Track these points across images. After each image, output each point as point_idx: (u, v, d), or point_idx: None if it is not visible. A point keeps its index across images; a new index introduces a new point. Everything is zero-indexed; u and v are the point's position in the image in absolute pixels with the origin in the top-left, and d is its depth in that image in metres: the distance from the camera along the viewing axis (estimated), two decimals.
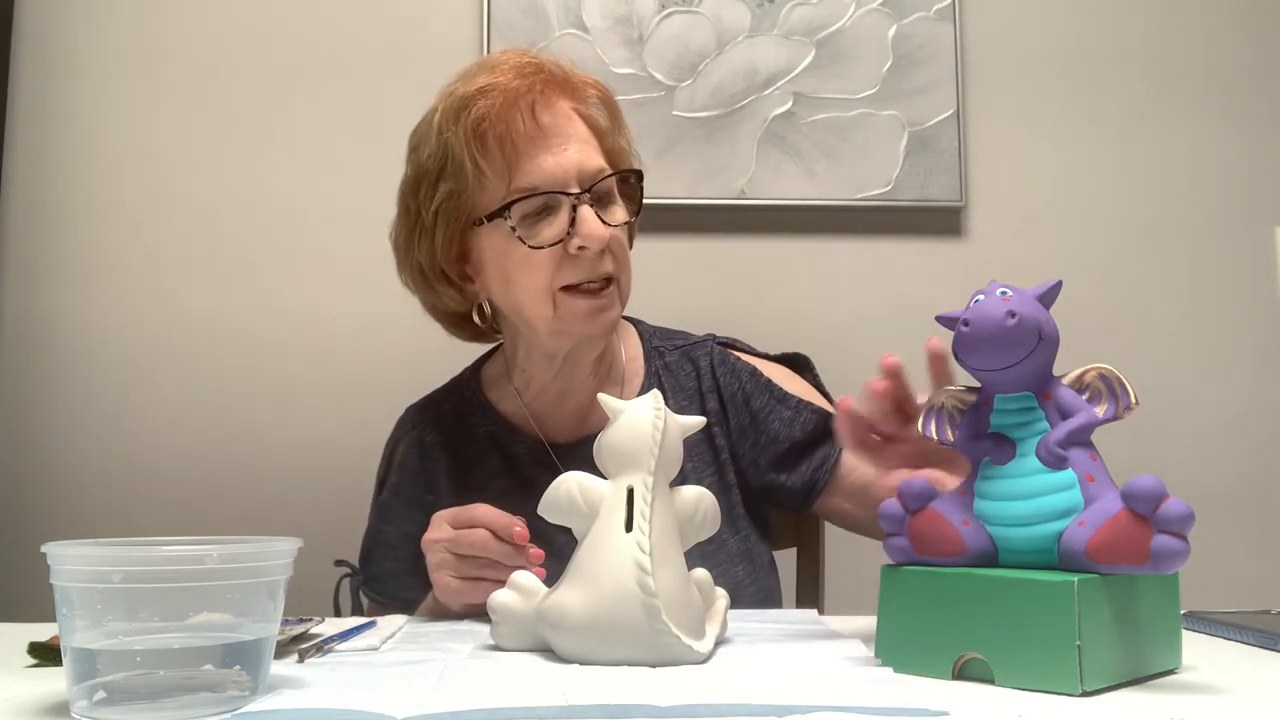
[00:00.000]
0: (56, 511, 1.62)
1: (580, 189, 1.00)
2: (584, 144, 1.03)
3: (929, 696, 0.58)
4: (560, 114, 1.03)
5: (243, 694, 0.57)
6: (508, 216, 1.00)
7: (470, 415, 1.13)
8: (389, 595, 1.09)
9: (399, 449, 1.15)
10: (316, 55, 1.71)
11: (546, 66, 1.05)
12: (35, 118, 1.68)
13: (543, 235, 1.00)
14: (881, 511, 0.69)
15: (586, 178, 1.01)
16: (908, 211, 1.71)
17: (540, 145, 1.00)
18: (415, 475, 1.12)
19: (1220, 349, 1.73)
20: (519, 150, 1.00)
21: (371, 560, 1.11)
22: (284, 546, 0.59)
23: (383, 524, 1.12)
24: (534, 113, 1.00)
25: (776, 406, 1.11)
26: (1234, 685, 0.63)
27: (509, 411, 1.12)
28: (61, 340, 1.66)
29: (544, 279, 1.00)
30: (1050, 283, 0.68)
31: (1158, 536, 0.59)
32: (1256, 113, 1.76)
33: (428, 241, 1.05)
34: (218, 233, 1.68)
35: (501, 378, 1.15)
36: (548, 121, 1.01)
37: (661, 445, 0.72)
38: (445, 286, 1.08)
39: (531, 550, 0.86)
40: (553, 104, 1.03)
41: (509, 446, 1.11)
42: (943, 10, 1.73)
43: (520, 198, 0.99)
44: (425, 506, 1.05)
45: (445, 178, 1.02)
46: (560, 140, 1.01)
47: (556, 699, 0.57)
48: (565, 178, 1.00)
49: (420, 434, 1.13)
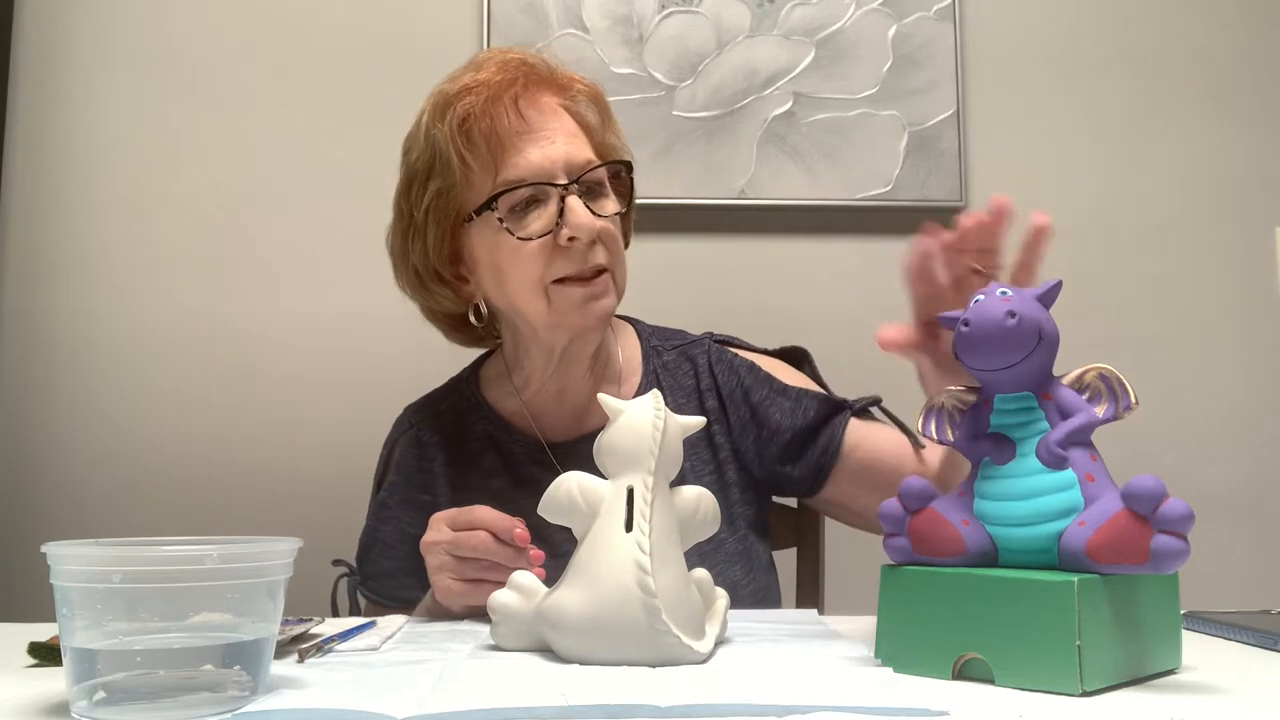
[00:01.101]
0: (56, 511, 1.62)
1: (568, 180, 1.00)
2: (572, 137, 1.03)
3: (929, 696, 0.58)
4: (546, 109, 1.03)
5: (243, 694, 0.57)
6: (495, 209, 1.00)
7: (468, 415, 1.13)
8: (386, 595, 1.08)
9: (397, 448, 1.15)
10: (316, 55, 1.71)
11: (531, 62, 1.05)
12: (35, 117, 1.68)
13: (531, 227, 1.00)
14: (881, 511, 0.69)
15: (575, 169, 1.01)
16: (908, 211, 1.71)
17: (526, 138, 1.00)
18: (412, 475, 1.12)
19: (1220, 349, 1.73)
20: (504, 144, 1.00)
21: (369, 559, 1.11)
22: (284, 546, 0.59)
23: (380, 523, 1.12)
24: (519, 107, 1.01)
25: (777, 399, 1.11)
26: (1234, 685, 0.63)
27: (507, 411, 1.12)
28: (61, 339, 1.66)
29: (536, 272, 1.00)
30: (1050, 283, 0.68)
31: (1158, 536, 0.59)
32: (1256, 113, 1.76)
33: (421, 242, 1.05)
34: (218, 232, 1.68)
35: (500, 377, 1.14)
36: (533, 116, 1.01)
37: (661, 445, 0.72)
38: (440, 287, 1.08)
39: (532, 551, 0.86)
40: (538, 99, 1.03)
41: (506, 445, 1.11)
42: (943, 10, 1.73)
43: (507, 190, 0.99)
44: (422, 506, 1.05)
45: (434, 176, 1.02)
46: (547, 133, 1.01)
47: (556, 699, 0.57)
48: (553, 169, 1.00)
49: (418, 433, 1.13)
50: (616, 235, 1.05)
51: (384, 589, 1.09)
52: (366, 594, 1.10)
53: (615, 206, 1.05)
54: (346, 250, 1.68)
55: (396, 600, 1.06)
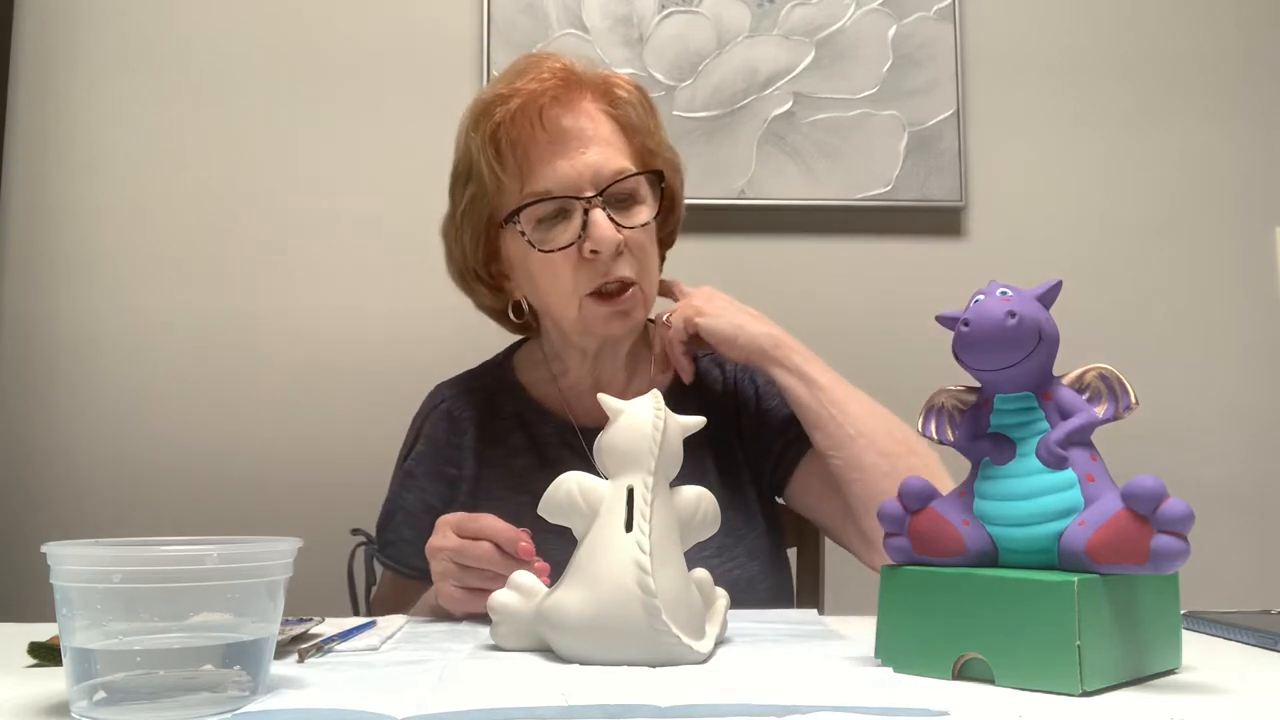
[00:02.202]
0: (56, 511, 1.62)
1: (594, 192, 1.01)
2: (605, 145, 1.04)
3: (929, 696, 0.58)
4: (583, 115, 1.04)
5: (243, 694, 0.57)
6: (517, 222, 1.02)
7: (500, 395, 1.15)
8: (403, 562, 1.10)
9: (428, 421, 1.17)
10: (317, 55, 1.71)
11: (573, 68, 1.06)
12: (35, 117, 1.68)
13: (556, 239, 1.02)
14: (881, 511, 0.69)
15: (602, 180, 1.02)
16: (908, 211, 1.71)
17: (555, 150, 1.02)
18: (441, 448, 1.13)
19: (1220, 349, 1.73)
20: (530, 156, 1.01)
21: (390, 526, 1.13)
22: (284, 546, 0.59)
23: (404, 491, 1.14)
24: (551, 116, 1.02)
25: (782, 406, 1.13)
26: (1234, 685, 0.63)
27: (540, 394, 1.15)
28: (62, 340, 1.66)
29: (566, 284, 1.02)
30: (1050, 283, 0.68)
31: (1158, 536, 0.59)
32: (1256, 113, 1.76)
33: (460, 240, 1.09)
34: (218, 232, 1.68)
35: (536, 363, 1.17)
36: (568, 124, 1.02)
37: (661, 445, 0.72)
38: (478, 284, 1.12)
39: (537, 564, 0.85)
40: (575, 105, 1.04)
41: (536, 426, 1.13)
42: (943, 10, 1.73)
43: (531, 202, 1.01)
44: (448, 479, 1.10)
45: (470, 181, 1.05)
46: (578, 143, 1.02)
47: (556, 699, 0.57)
48: (579, 181, 1.01)
49: (450, 407, 1.15)
50: (645, 244, 1.06)
51: (402, 556, 1.11)
52: (384, 560, 1.12)
53: (646, 216, 1.05)
54: (347, 250, 1.68)
55: (412, 569, 1.08)
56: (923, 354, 0.82)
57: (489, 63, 1.68)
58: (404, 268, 1.67)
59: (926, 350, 1.09)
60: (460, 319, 1.19)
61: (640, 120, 1.08)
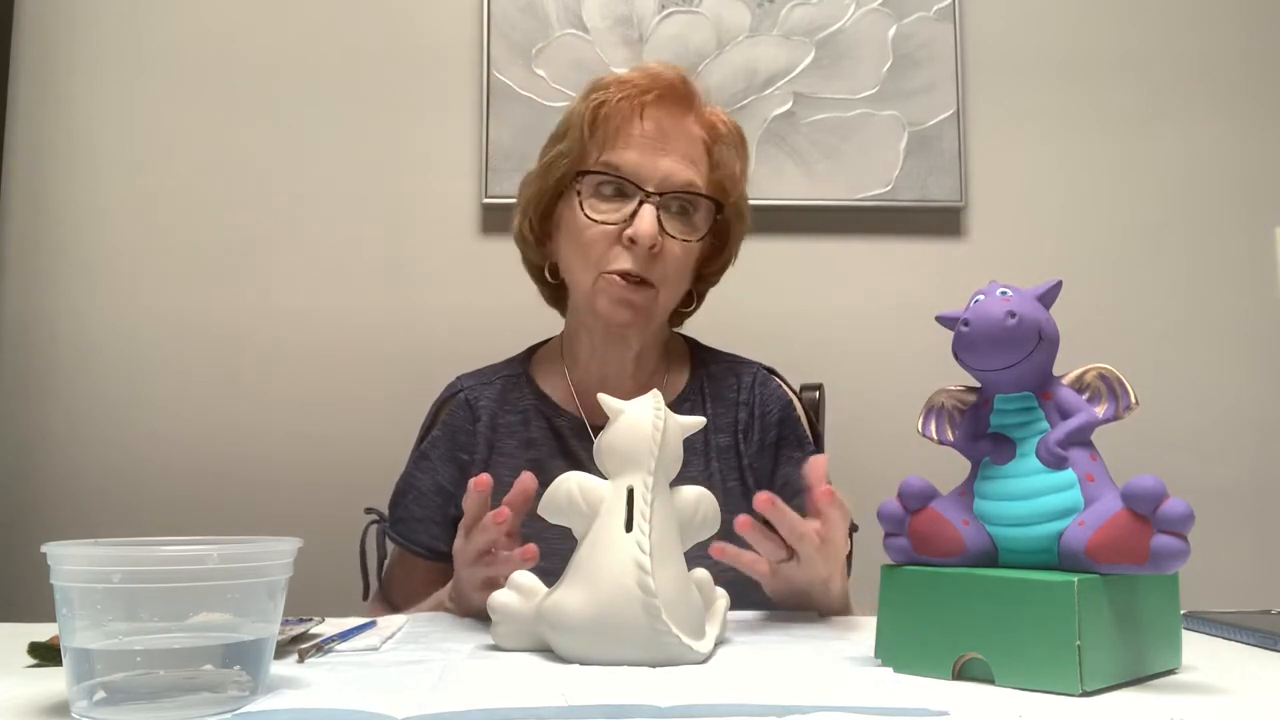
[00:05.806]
0: (56, 511, 1.62)
1: (655, 190, 1.06)
2: (686, 160, 1.09)
3: (929, 696, 0.58)
4: (680, 126, 1.09)
5: (243, 694, 0.57)
6: (580, 182, 1.08)
7: (516, 389, 1.18)
8: (412, 539, 1.14)
9: (445, 407, 1.20)
10: (316, 54, 1.71)
11: (692, 86, 1.12)
12: (35, 117, 1.68)
13: (605, 214, 1.07)
14: (881, 512, 0.69)
15: (669, 185, 1.07)
16: (908, 211, 1.71)
17: (642, 141, 1.07)
18: (456, 433, 1.16)
19: (1220, 349, 1.73)
20: (619, 136, 1.08)
21: (402, 504, 1.16)
22: (284, 546, 0.59)
23: (418, 471, 1.17)
24: (652, 113, 1.08)
25: (795, 453, 1.15)
26: (1234, 685, 0.63)
27: (554, 391, 1.18)
28: (62, 339, 1.66)
29: (594, 254, 1.07)
30: (1050, 283, 0.68)
31: (1158, 536, 0.59)
32: (1256, 112, 1.76)
33: (533, 189, 1.15)
34: (218, 232, 1.68)
35: (553, 361, 1.20)
36: (664, 126, 1.08)
37: (661, 445, 0.72)
38: (529, 235, 1.16)
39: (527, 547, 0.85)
40: (677, 115, 1.10)
41: (550, 420, 1.15)
42: (943, 10, 1.73)
43: (599, 171, 1.07)
44: (460, 464, 1.14)
45: (562, 140, 1.12)
46: (664, 146, 1.07)
47: (556, 699, 0.57)
48: (649, 175, 1.06)
49: (468, 396, 1.18)
50: (681, 259, 1.09)
51: (412, 534, 1.14)
52: (394, 536, 1.15)
53: (692, 234, 1.09)
54: (347, 250, 1.68)
55: (421, 546, 1.13)
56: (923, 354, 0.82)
57: (489, 63, 1.68)
58: (405, 267, 1.67)
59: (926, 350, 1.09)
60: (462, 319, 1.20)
61: (727, 159, 1.13)
